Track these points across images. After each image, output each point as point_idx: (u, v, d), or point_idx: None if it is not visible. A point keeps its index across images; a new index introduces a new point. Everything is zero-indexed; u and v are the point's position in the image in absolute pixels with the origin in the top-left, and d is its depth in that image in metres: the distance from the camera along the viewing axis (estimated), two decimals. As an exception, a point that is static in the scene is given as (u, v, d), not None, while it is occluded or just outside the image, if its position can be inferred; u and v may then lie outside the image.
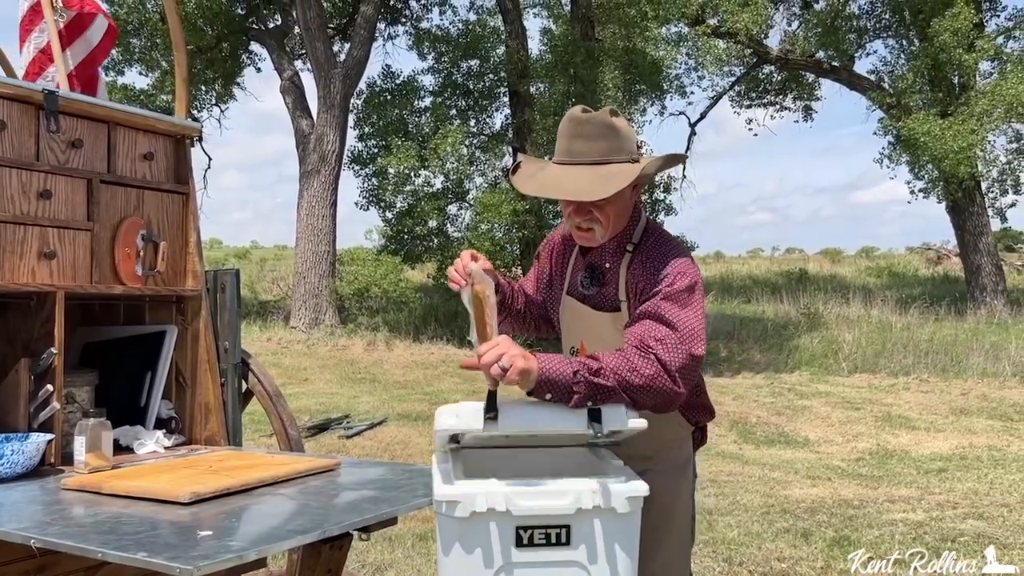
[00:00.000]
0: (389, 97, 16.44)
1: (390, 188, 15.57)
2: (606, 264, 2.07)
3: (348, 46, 16.00)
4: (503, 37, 16.94)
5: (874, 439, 7.82)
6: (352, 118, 15.89)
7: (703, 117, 19.73)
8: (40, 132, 2.46)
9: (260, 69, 19.22)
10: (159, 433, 2.69)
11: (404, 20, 18.49)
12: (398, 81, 16.75)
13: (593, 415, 1.78)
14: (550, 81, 15.67)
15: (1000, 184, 16.77)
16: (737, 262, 34.85)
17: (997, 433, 7.94)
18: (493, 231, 14.96)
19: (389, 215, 15.97)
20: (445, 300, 14.80)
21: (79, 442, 2.29)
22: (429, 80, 17.16)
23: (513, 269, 14.85)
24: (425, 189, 15.76)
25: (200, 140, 3.11)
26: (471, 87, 17.07)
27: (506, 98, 17.07)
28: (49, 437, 2.32)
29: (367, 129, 16.31)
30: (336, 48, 16.57)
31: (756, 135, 20.47)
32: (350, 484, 2.23)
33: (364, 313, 14.84)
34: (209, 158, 19.97)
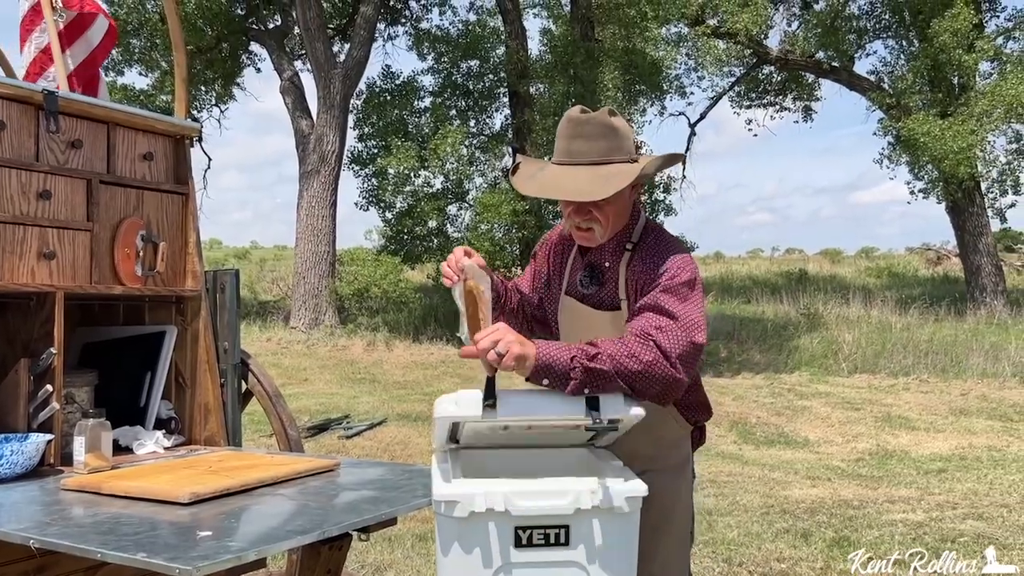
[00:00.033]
0: (389, 97, 16.45)
1: (390, 188, 15.58)
2: (606, 263, 2.07)
3: (348, 46, 16.00)
4: (503, 37, 16.95)
5: (874, 439, 7.82)
6: (352, 118, 15.90)
7: (703, 117, 19.76)
8: (40, 132, 2.46)
9: (260, 69, 19.28)
10: (159, 433, 2.69)
11: (404, 20, 18.50)
12: (398, 81, 16.77)
13: (591, 403, 1.77)
14: (550, 81, 15.67)
15: (1000, 184, 16.77)
16: (737, 262, 34.85)
17: (997, 433, 7.94)
18: (493, 231, 14.97)
19: (389, 215, 15.99)
20: (445, 300, 14.79)
21: (78, 442, 2.29)
22: (429, 80, 17.19)
23: (513, 269, 14.85)
24: (425, 189, 15.77)
25: (200, 140, 3.12)
26: (471, 87, 17.08)
27: (506, 98, 17.07)
28: (48, 437, 2.32)
29: (367, 129, 16.32)
30: (336, 48, 16.57)
31: (756, 135, 20.50)
32: (350, 484, 2.23)
33: (364, 313, 14.84)
34: (209, 158, 20.00)
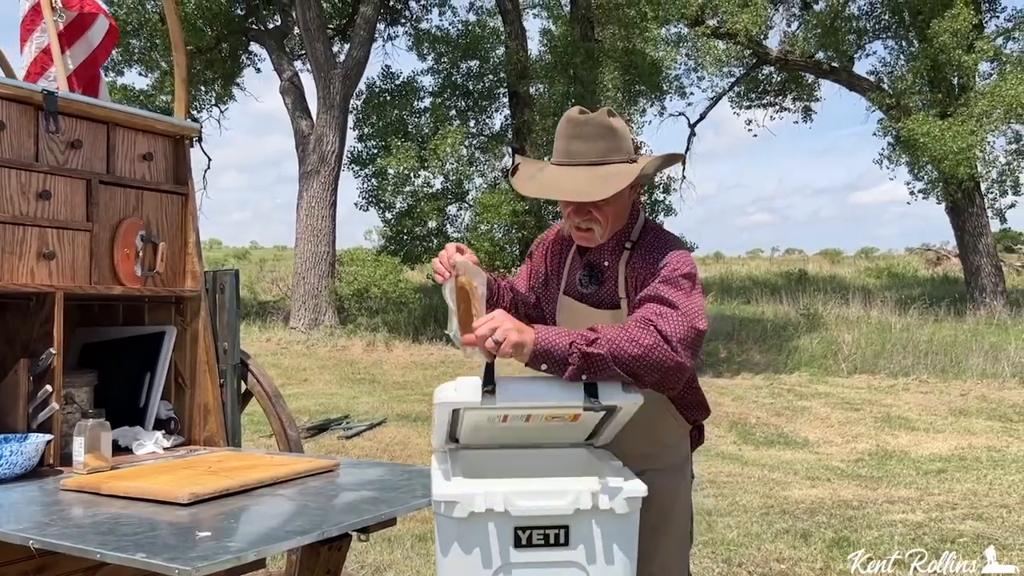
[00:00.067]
0: (389, 98, 16.45)
1: (390, 189, 15.58)
2: (605, 262, 2.07)
3: (348, 47, 16.00)
4: (503, 38, 16.95)
5: (873, 440, 7.82)
6: (352, 119, 15.91)
7: (703, 118, 19.75)
8: (39, 133, 2.46)
9: (260, 70, 19.26)
10: (158, 434, 2.69)
11: (404, 21, 18.49)
12: (398, 82, 16.77)
13: (589, 390, 1.77)
14: (550, 82, 15.66)
15: (999, 185, 16.76)
16: (737, 263, 34.84)
17: (996, 434, 7.94)
18: (492, 232, 14.97)
19: (389, 216, 15.99)
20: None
21: (78, 443, 2.29)
22: (429, 81, 17.19)
23: (513, 270, 14.85)
24: (425, 190, 15.77)
25: (200, 141, 3.12)
26: (471, 88, 17.08)
27: (506, 99, 17.07)
28: (48, 438, 2.32)
29: (367, 130, 16.32)
30: (336, 49, 16.57)
31: (756, 136, 20.49)
32: (349, 485, 2.23)
33: (363, 314, 14.84)
34: (209, 158, 19.99)
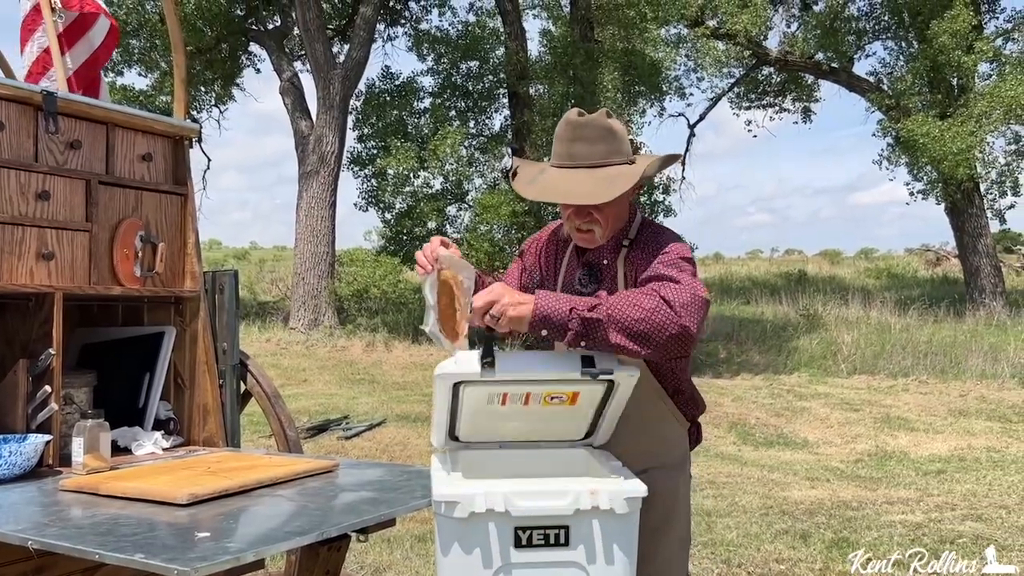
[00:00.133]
0: (388, 98, 16.44)
1: (389, 189, 15.57)
2: (604, 261, 2.08)
3: (347, 47, 15.99)
4: (502, 38, 16.93)
5: (873, 440, 7.82)
6: (351, 119, 15.90)
7: (702, 118, 19.75)
8: (39, 133, 2.46)
9: (259, 70, 19.23)
10: (157, 434, 2.68)
11: (403, 21, 18.48)
12: (397, 82, 16.76)
13: (586, 362, 1.77)
14: (549, 82, 15.65)
15: (999, 186, 16.77)
16: (736, 263, 34.84)
17: (996, 435, 7.94)
18: (492, 232, 14.95)
19: (388, 216, 15.98)
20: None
21: (77, 443, 2.28)
22: (428, 81, 17.16)
23: (513, 271, 14.82)
24: (424, 190, 15.76)
25: (199, 141, 3.12)
26: (470, 88, 17.06)
27: (505, 99, 17.05)
28: (47, 438, 2.31)
29: (366, 130, 16.31)
30: (335, 49, 16.56)
31: (755, 136, 20.49)
32: (348, 485, 2.23)
33: (363, 314, 14.84)
34: (208, 159, 19.99)
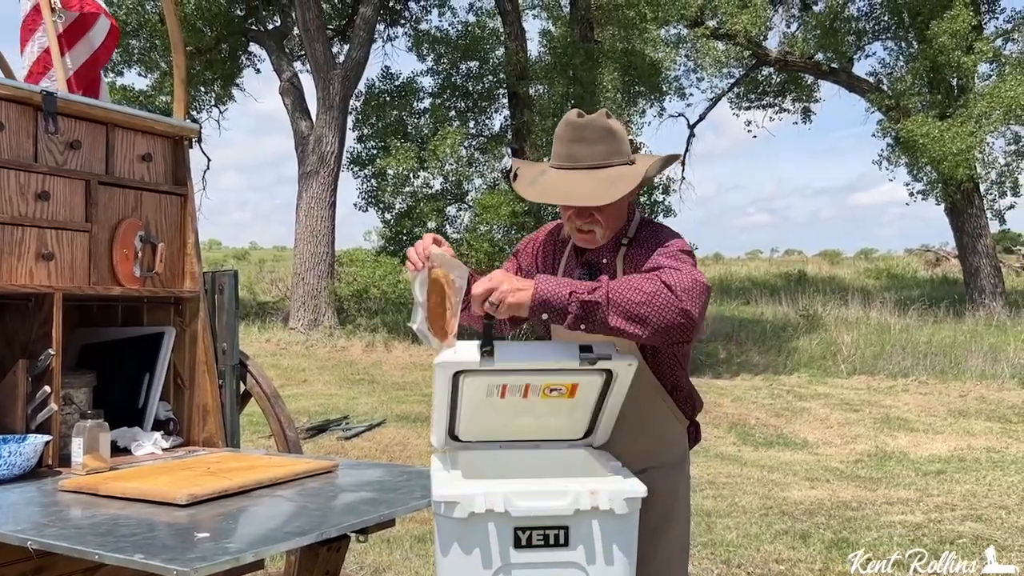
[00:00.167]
0: (388, 98, 16.43)
1: (389, 189, 15.56)
2: (603, 260, 2.08)
3: (347, 47, 15.99)
4: (502, 39, 16.92)
5: (873, 441, 7.82)
6: (351, 119, 15.89)
7: (702, 119, 19.74)
8: (38, 133, 2.46)
9: (259, 70, 19.22)
10: (157, 435, 2.68)
11: (403, 22, 18.47)
12: (397, 82, 16.75)
13: (584, 349, 1.78)
14: (549, 83, 15.64)
15: (999, 186, 16.77)
16: (736, 264, 34.84)
17: (995, 435, 7.94)
18: (492, 232, 14.95)
19: (388, 216, 15.96)
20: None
21: (77, 443, 2.28)
22: (428, 81, 17.15)
23: (512, 271, 14.81)
24: (424, 190, 15.75)
25: (199, 141, 3.10)
26: (470, 89, 17.05)
27: (505, 100, 17.05)
28: (47, 438, 2.31)
29: (366, 130, 16.30)
30: (335, 49, 16.55)
31: (755, 137, 20.48)
32: (348, 486, 2.23)
33: (363, 314, 14.83)
34: (208, 159, 19.98)
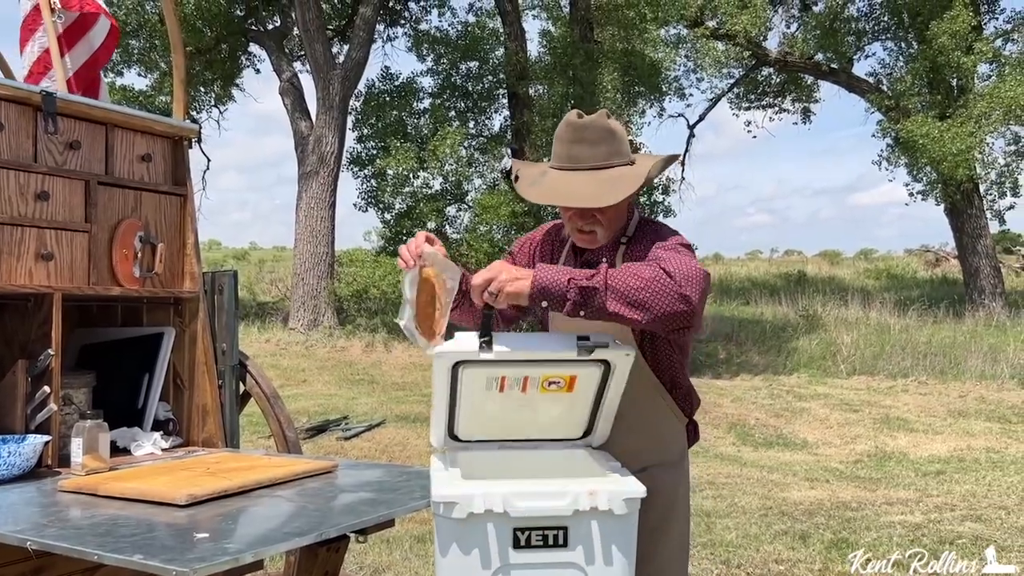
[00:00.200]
0: (388, 99, 16.43)
1: (389, 189, 15.56)
2: (603, 259, 2.08)
3: (347, 48, 15.98)
4: (502, 39, 16.92)
5: (872, 441, 7.82)
6: (351, 120, 15.88)
7: (702, 119, 19.74)
8: (38, 133, 2.46)
9: (259, 71, 19.20)
10: (156, 435, 2.68)
11: (403, 22, 18.47)
12: (397, 83, 16.74)
13: (582, 338, 1.79)
14: (549, 83, 15.64)
15: (998, 186, 16.77)
16: (736, 264, 34.80)
17: (995, 435, 7.94)
18: (492, 233, 14.95)
19: (388, 216, 15.96)
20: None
21: (76, 444, 2.28)
22: (428, 82, 17.15)
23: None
24: (424, 191, 15.75)
25: (199, 141, 3.10)
26: (470, 89, 17.05)
27: (505, 100, 17.05)
28: (46, 439, 2.31)
29: (366, 131, 16.30)
30: (335, 50, 16.55)
31: (755, 137, 20.48)
32: (348, 486, 2.23)
33: (363, 314, 14.83)
34: (208, 159, 19.99)
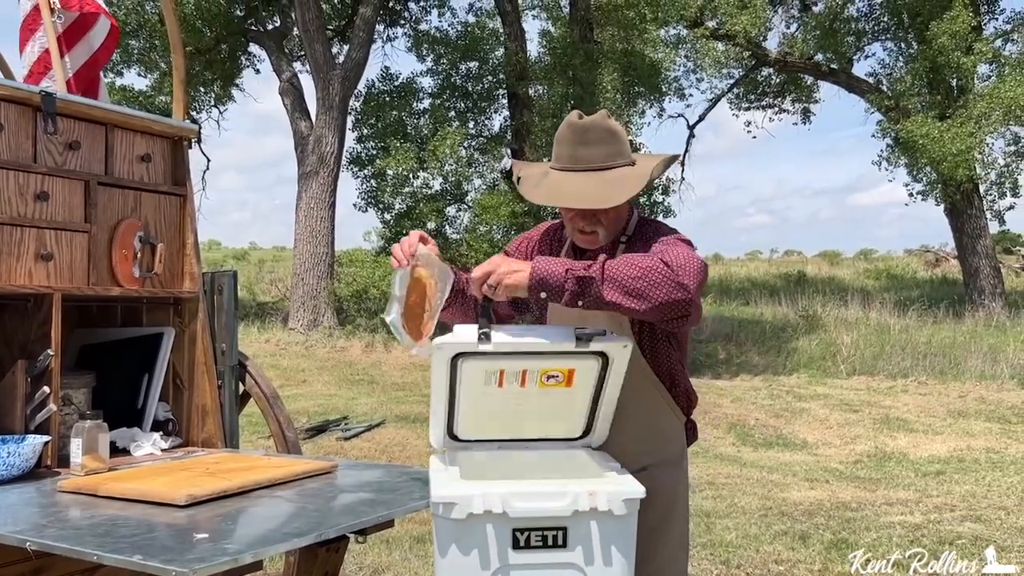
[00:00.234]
0: (388, 99, 16.43)
1: (388, 190, 15.56)
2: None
3: (347, 48, 15.98)
4: (502, 39, 16.92)
5: (872, 441, 7.82)
6: (351, 120, 15.88)
7: (702, 119, 19.74)
8: (37, 134, 2.46)
9: (259, 71, 19.20)
10: (156, 435, 2.68)
11: (403, 22, 18.47)
12: (397, 83, 16.75)
13: (580, 330, 1.80)
14: (549, 83, 15.65)
15: (998, 187, 16.77)
16: (736, 264, 34.80)
17: (995, 436, 7.94)
18: (491, 233, 14.96)
19: (388, 217, 15.97)
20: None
21: (75, 444, 2.28)
22: (428, 82, 17.15)
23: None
24: (424, 191, 15.76)
25: (198, 141, 3.11)
26: (470, 89, 17.05)
27: (505, 100, 17.05)
28: (45, 439, 2.31)
29: (366, 131, 16.30)
30: (335, 50, 16.54)
31: (755, 137, 20.47)
32: (347, 486, 2.23)
33: (362, 315, 14.82)
34: (208, 159, 20.00)
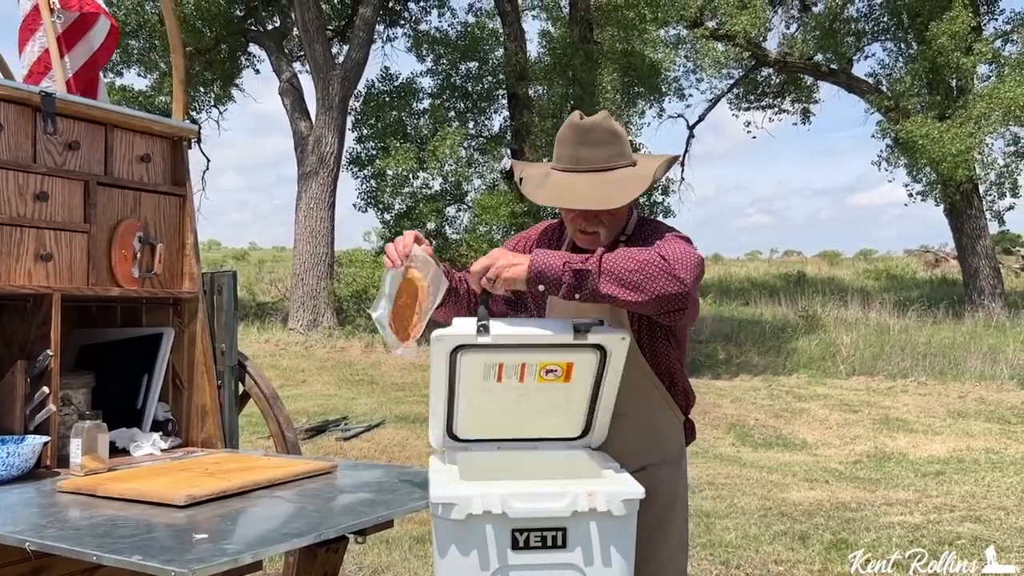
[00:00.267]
0: (388, 99, 16.44)
1: (388, 190, 15.57)
2: None
3: (347, 48, 15.98)
4: (502, 39, 16.92)
5: (872, 442, 7.82)
6: (350, 120, 15.88)
7: (701, 119, 19.75)
8: (37, 134, 2.46)
9: (259, 71, 19.20)
10: (155, 435, 2.68)
11: (403, 22, 18.47)
12: (397, 83, 16.75)
13: (577, 327, 1.82)
14: (549, 83, 15.65)
15: (998, 187, 16.78)
16: (735, 264, 34.82)
17: (994, 436, 7.94)
18: (491, 233, 14.96)
19: (387, 217, 15.97)
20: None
21: (75, 444, 2.28)
22: (428, 82, 17.15)
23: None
24: (423, 191, 15.76)
25: (198, 142, 3.11)
26: (469, 89, 17.05)
27: (505, 100, 17.05)
28: (45, 439, 2.31)
29: (365, 131, 16.30)
30: (335, 50, 16.55)
31: (755, 138, 20.51)
32: (347, 487, 2.23)
33: (362, 315, 14.81)
34: (207, 159, 19.99)
